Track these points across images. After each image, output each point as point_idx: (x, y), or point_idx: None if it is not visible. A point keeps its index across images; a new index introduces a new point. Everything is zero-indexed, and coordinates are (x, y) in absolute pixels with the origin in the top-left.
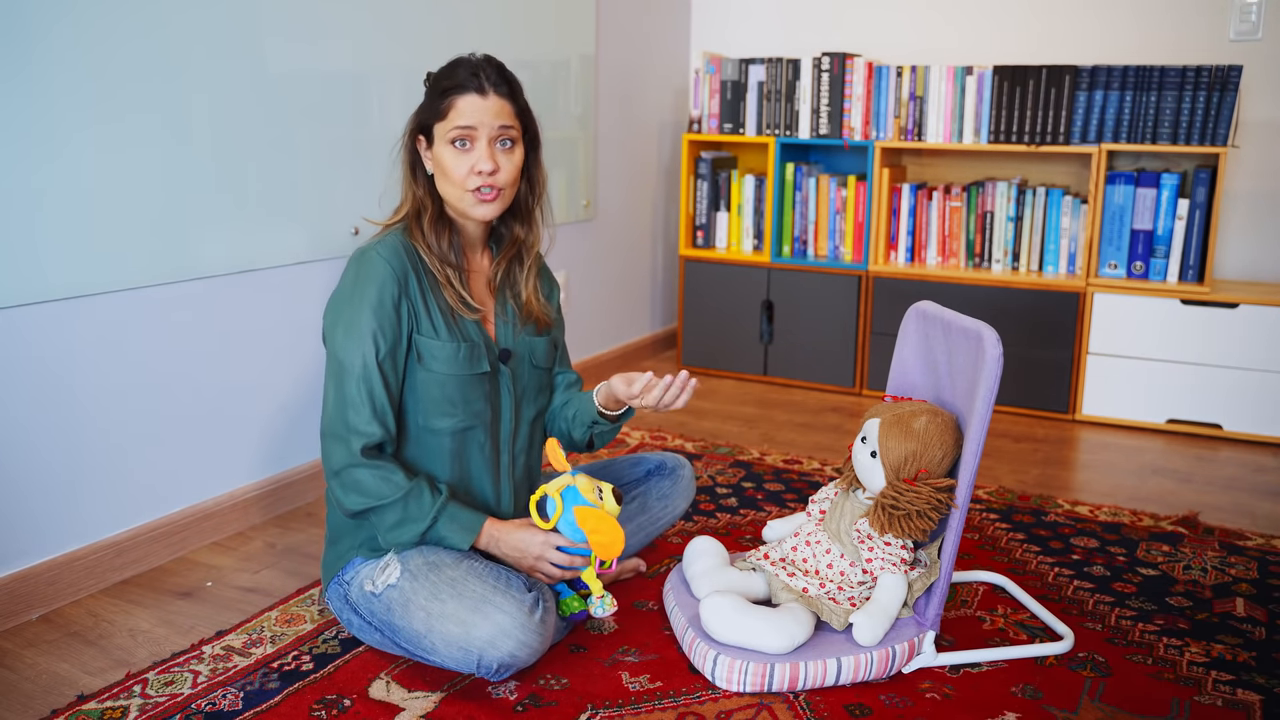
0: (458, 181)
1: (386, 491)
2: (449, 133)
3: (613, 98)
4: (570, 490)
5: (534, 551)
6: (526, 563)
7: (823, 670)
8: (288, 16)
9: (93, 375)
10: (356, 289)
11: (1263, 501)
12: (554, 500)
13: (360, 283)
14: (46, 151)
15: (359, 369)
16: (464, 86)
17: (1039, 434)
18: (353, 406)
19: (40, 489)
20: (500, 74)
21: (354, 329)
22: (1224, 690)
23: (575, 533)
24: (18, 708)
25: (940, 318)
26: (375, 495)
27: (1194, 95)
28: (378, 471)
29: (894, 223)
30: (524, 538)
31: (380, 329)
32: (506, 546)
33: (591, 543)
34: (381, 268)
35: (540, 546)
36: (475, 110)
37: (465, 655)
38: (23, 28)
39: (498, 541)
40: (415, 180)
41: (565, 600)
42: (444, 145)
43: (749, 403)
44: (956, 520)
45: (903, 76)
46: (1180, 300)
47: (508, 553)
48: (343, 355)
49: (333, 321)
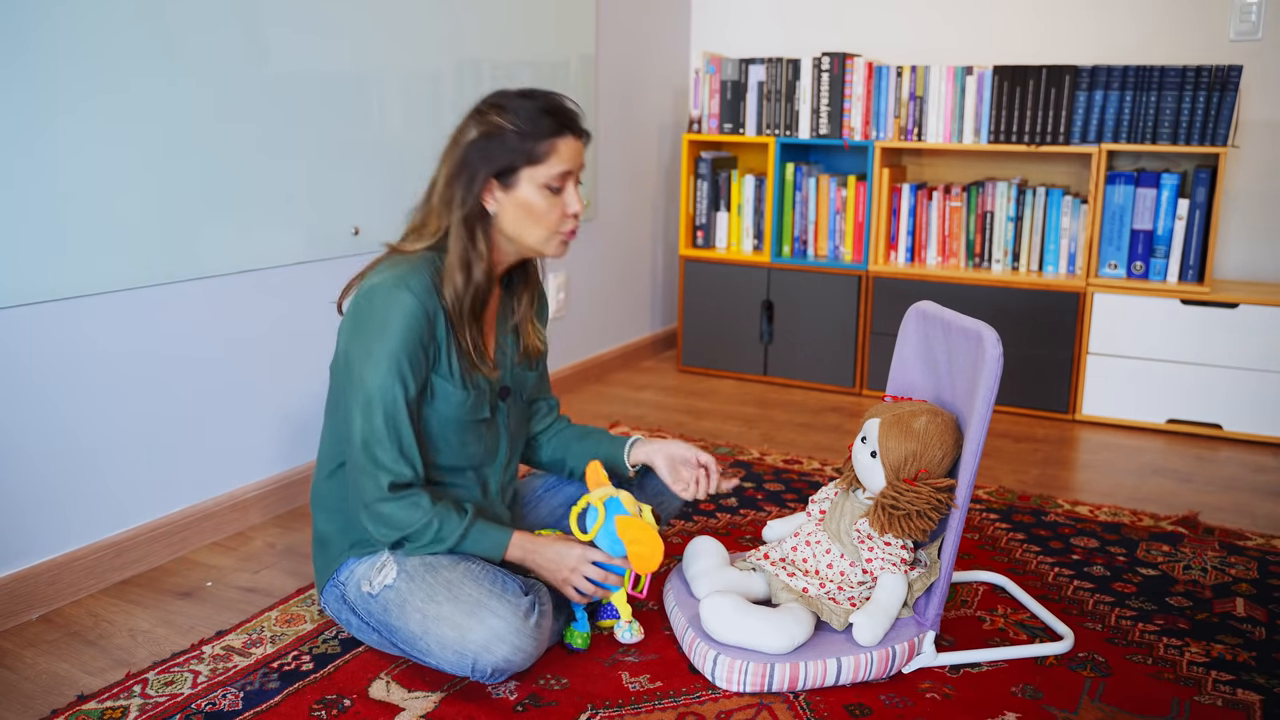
0: (550, 225)
1: (416, 518)
2: (548, 178)
3: (613, 98)
4: (613, 500)
5: (569, 564)
6: (561, 575)
7: (823, 670)
8: (289, 16)
9: (92, 375)
10: (390, 324)
11: (1263, 501)
12: (596, 510)
13: (393, 318)
14: (44, 151)
15: (389, 406)
16: (566, 130)
17: (1039, 434)
18: (380, 443)
19: (40, 489)
20: (580, 113)
21: (386, 365)
22: (1224, 690)
23: (614, 545)
24: (18, 708)
25: (940, 318)
26: (405, 525)
27: (1194, 95)
28: (404, 501)
29: (894, 223)
30: (561, 550)
31: (412, 369)
32: (542, 559)
33: (631, 554)
34: (415, 307)
35: (577, 559)
36: (574, 153)
37: (460, 659)
38: (21, 25)
39: (532, 553)
40: (474, 229)
41: (574, 630)
42: (534, 189)
43: (749, 403)
44: (956, 520)
45: (903, 76)
46: (1180, 300)
47: (542, 564)
48: (372, 389)
49: (362, 353)
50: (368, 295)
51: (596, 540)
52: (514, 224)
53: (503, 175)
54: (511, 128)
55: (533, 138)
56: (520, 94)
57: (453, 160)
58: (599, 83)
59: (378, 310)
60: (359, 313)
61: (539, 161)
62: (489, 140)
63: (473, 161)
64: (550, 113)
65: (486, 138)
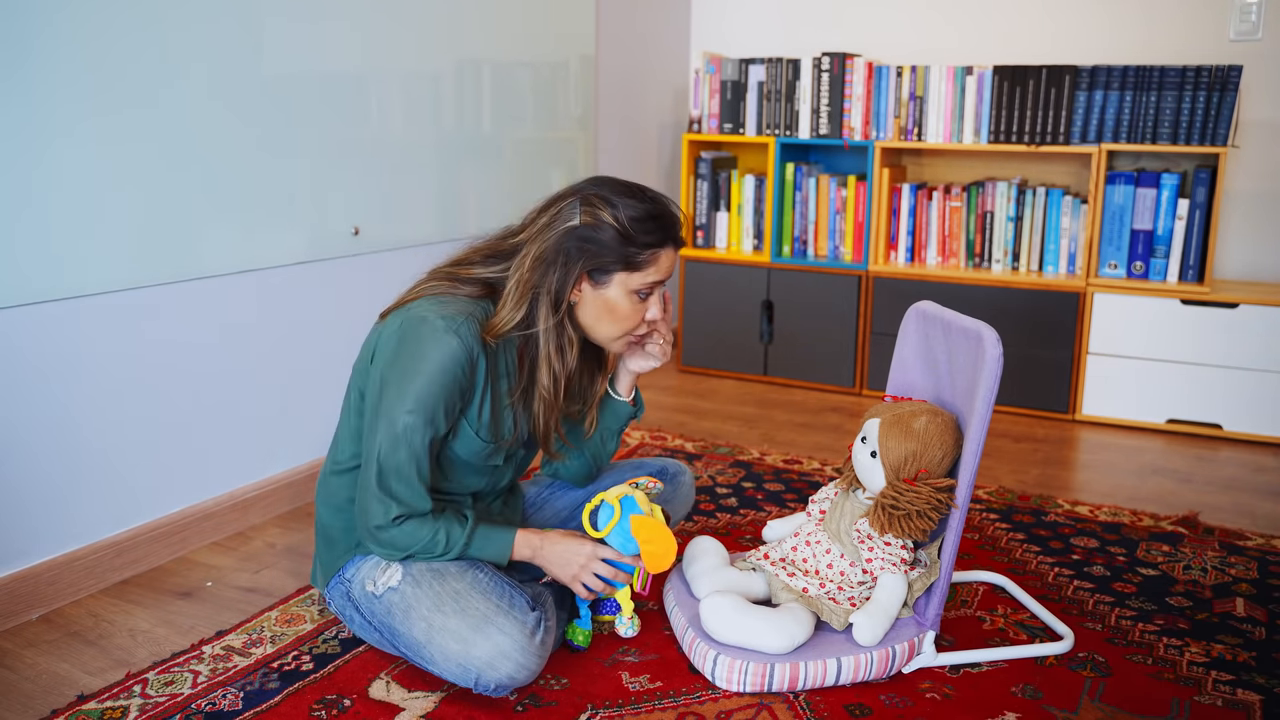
0: (627, 327)
1: (423, 534)
2: (640, 285)
3: (613, 98)
4: (629, 499)
5: (580, 561)
6: (570, 572)
7: (823, 670)
8: (288, 16)
9: (92, 375)
10: (432, 366)
11: (1263, 501)
12: (611, 507)
13: (437, 360)
14: (44, 151)
15: (414, 446)
16: (670, 241)
17: (1039, 434)
18: (398, 478)
19: (40, 489)
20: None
21: (418, 406)
22: (1224, 690)
23: (626, 543)
24: (18, 708)
25: (940, 318)
26: (411, 545)
27: (1194, 95)
28: (410, 524)
29: (894, 223)
30: (572, 546)
31: (444, 414)
32: (551, 555)
33: (645, 553)
34: (461, 355)
35: (588, 557)
36: (670, 264)
37: (463, 672)
38: (23, 26)
39: (540, 551)
40: (555, 312)
41: (576, 627)
42: (623, 293)
43: (749, 403)
44: (956, 520)
45: (903, 76)
46: (1180, 300)
47: (552, 560)
48: (401, 430)
49: (397, 387)
50: (416, 326)
51: (609, 538)
52: (591, 318)
53: (596, 273)
54: (616, 228)
55: (636, 244)
56: (628, 190)
57: (547, 240)
58: (599, 83)
59: (425, 346)
60: (405, 341)
61: (636, 269)
62: (591, 233)
63: (570, 251)
64: (657, 220)
65: (589, 229)
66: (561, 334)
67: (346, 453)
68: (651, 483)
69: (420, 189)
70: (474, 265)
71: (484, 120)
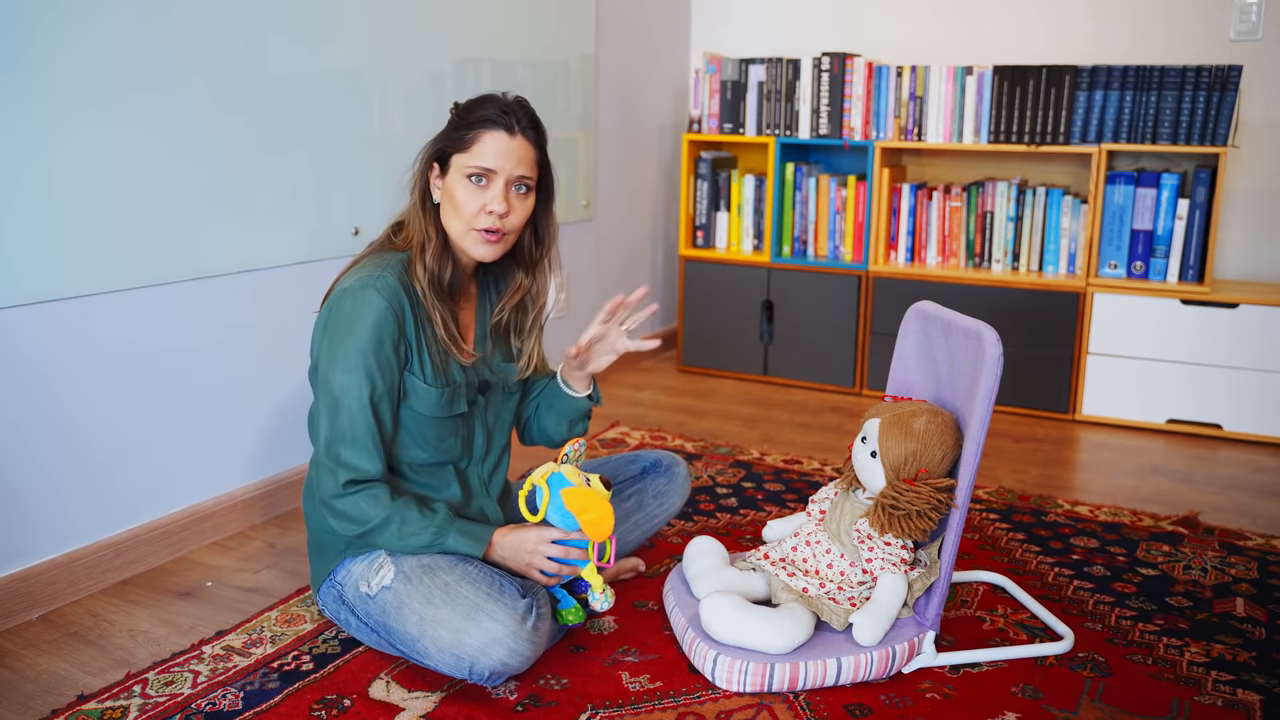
0: (466, 217)
1: (375, 513)
2: (468, 167)
3: (613, 98)
4: (556, 476)
5: (528, 548)
6: (522, 560)
7: (823, 670)
8: (288, 16)
9: (92, 375)
10: (355, 326)
11: (1263, 501)
12: (541, 489)
13: (359, 320)
14: (44, 151)
15: (352, 404)
16: (493, 122)
17: (1039, 434)
18: (344, 441)
19: (40, 489)
20: (531, 119)
21: (351, 366)
22: (1224, 690)
23: (565, 519)
24: (18, 708)
25: (940, 318)
26: (363, 520)
27: (1194, 95)
28: (361, 496)
29: (894, 223)
30: (518, 537)
31: (380, 367)
32: (502, 551)
33: (583, 524)
34: (382, 305)
35: (534, 542)
36: (500, 150)
37: (458, 662)
38: (23, 27)
39: (496, 547)
40: (424, 209)
41: (563, 611)
42: (459, 178)
43: (749, 403)
44: (956, 520)
45: (903, 76)
46: (1180, 300)
47: (505, 554)
48: (338, 392)
49: (329, 356)
50: (337, 300)
51: (548, 517)
52: (445, 214)
53: (441, 161)
54: (453, 116)
55: (464, 126)
56: (489, 93)
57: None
58: (599, 83)
59: (345, 312)
60: (329, 318)
61: (464, 149)
62: (443, 129)
63: (426, 148)
64: (488, 105)
65: (444, 129)
66: (426, 222)
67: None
68: (574, 444)
69: None
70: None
71: None
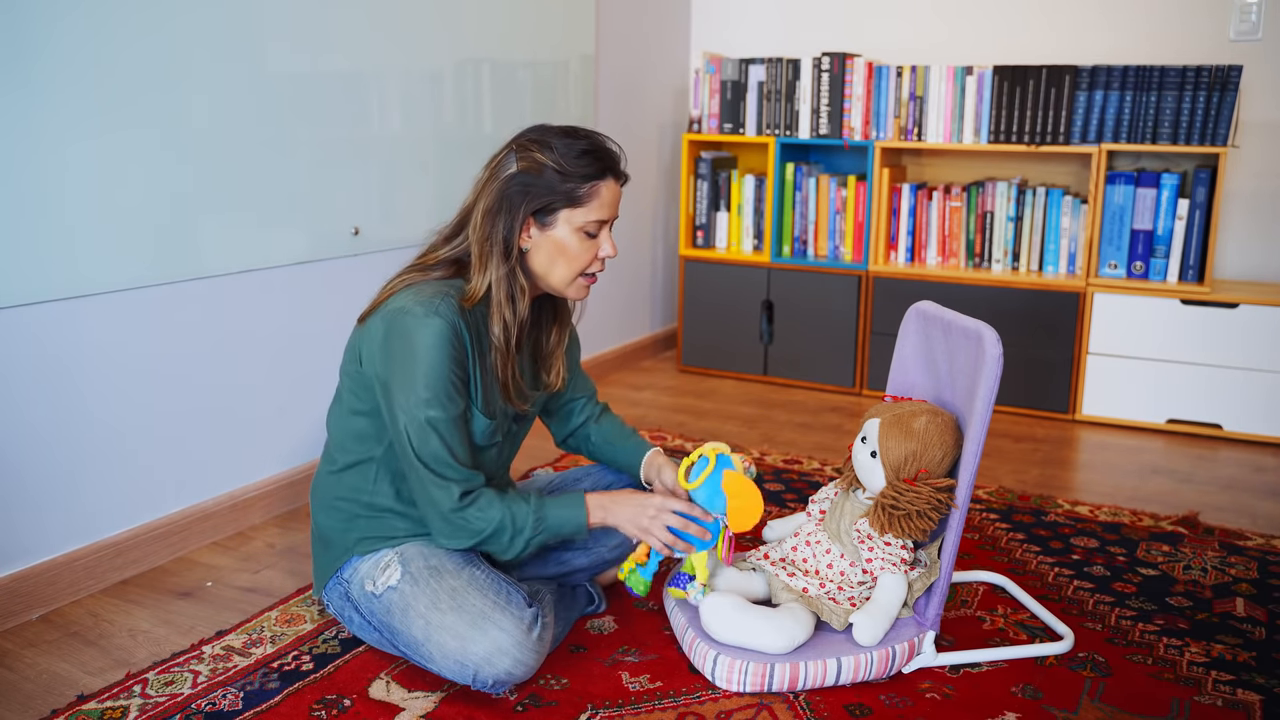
0: (578, 268)
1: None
2: (586, 222)
3: (613, 98)
4: (725, 457)
5: (650, 511)
6: (642, 522)
7: (823, 670)
8: (288, 17)
9: (94, 375)
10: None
11: (1263, 501)
12: (708, 458)
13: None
14: (49, 151)
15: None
16: (607, 174)
17: (1039, 434)
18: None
19: (40, 488)
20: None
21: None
22: (1224, 690)
23: (713, 497)
24: (18, 708)
25: (940, 318)
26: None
27: (1194, 95)
28: (477, 505)
29: (894, 223)
30: (641, 500)
31: (455, 390)
32: (621, 510)
33: (731, 508)
34: (449, 332)
35: (658, 507)
36: (613, 198)
37: (461, 669)
38: (24, 26)
39: (609, 509)
40: (514, 264)
41: (636, 572)
42: (571, 231)
43: (749, 403)
44: (956, 520)
45: (903, 76)
46: (1180, 300)
47: (622, 516)
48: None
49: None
50: (399, 320)
51: (698, 492)
52: (544, 263)
53: (540, 214)
54: (553, 166)
55: (575, 179)
56: (563, 132)
57: (491, 193)
58: (599, 83)
59: (413, 337)
60: (391, 337)
61: (579, 204)
62: (530, 177)
63: (512, 197)
64: (594, 154)
65: (527, 174)
66: (513, 282)
67: (340, 453)
68: (749, 461)
69: (420, 189)
70: (438, 249)
71: (484, 120)
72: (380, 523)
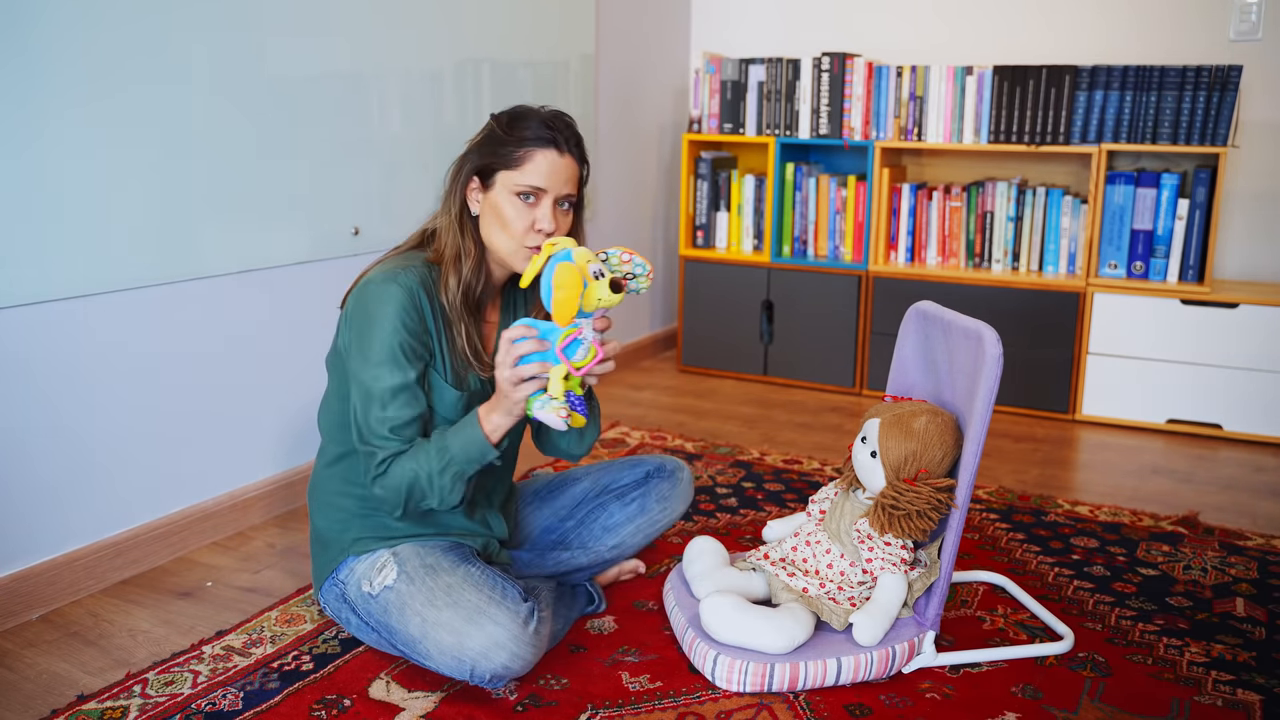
0: (515, 235)
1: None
2: (517, 185)
3: (613, 98)
4: (565, 252)
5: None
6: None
7: (823, 670)
8: (288, 16)
9: (94, 375)
10: (382, 315)
11: (1263, 501)
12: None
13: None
14: (43, 151)
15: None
16: (543, 141)
17: (1039, 434)
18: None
19: (40, 488)
20: (576, 137)
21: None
22: (1224, 690)
23: (547, 295)
24: (18, 708)
25: (940, 318)
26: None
27: (1194, 95)
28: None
29: (894, 223)
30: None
31: (406, 354)
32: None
33: (554, 300)
34: (403, 296)
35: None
36: (549, 170)
37: (459, 664)
38: (20, 24)
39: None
40: (461, 221)
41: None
42: (507, 195)
43: (749, 403)
44: (956, 520)
45: (903, 76)
46: (1180, 300)
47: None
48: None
49: (358, 349)
50: (360, 291)
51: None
52: (487, 228)
53: (483, 175)
54: (498, 130)
55: (513, 143)
56: (528, 106)
57: (455, 161)
58: (599, 83)
59: (370, 304)
60: (353, 309)
61: (513, 166)
62: (481, 141)
63: (464, 159)
64: (534, 121)
65: (481, 138)
66: (461, 241)
67: (331, 444)
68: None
69: (420, 189)
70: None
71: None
72: (375, 520)
